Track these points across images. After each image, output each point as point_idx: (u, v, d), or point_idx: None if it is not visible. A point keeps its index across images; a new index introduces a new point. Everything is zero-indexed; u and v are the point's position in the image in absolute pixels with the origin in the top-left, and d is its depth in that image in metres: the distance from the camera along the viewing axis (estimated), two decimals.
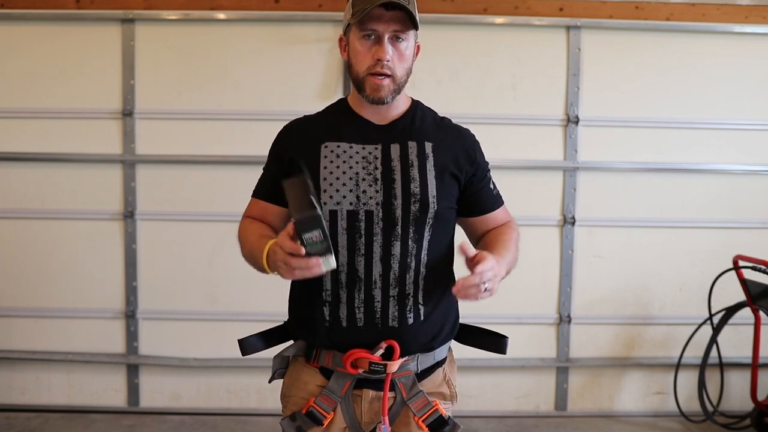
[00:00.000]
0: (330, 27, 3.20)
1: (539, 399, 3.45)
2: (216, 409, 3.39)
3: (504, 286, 1.49)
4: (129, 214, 3.28)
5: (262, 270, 1.43)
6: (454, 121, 1.64)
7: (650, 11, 3.27)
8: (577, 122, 3.29)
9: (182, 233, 3.30)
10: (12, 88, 3.27)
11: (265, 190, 1.58)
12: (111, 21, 3.22)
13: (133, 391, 3.38)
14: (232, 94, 3.25)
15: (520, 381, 3.43)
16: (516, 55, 3.28)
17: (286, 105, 3.16)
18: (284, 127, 1.60)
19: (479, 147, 1.62)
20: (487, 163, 1.64)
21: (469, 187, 1.57)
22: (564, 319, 3.38)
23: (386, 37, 1.45)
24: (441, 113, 1.64)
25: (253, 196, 1.62)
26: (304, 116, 1.61)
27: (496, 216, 1.62)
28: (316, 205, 1.26)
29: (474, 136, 1.62)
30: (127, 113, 3.25)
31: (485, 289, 1.33)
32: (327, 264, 1.29)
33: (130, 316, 3.33)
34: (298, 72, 3.22)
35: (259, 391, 3.37)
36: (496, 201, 1.63)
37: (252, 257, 1.47)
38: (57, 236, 3.31)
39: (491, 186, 1.62)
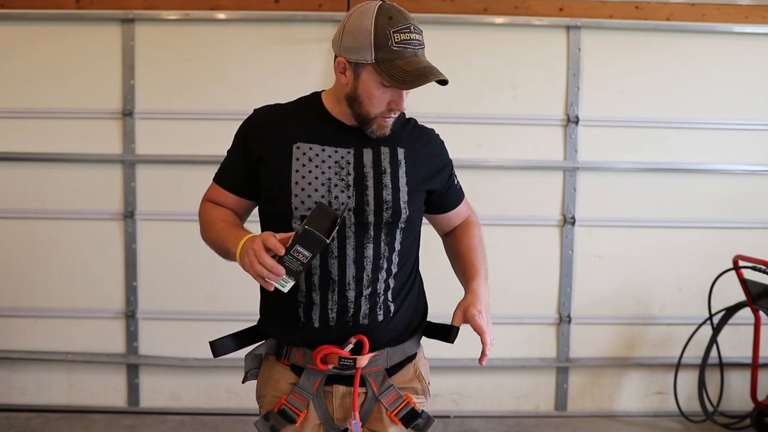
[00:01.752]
0: (330, 27, 3.20)
1: (539, 399, 3.45)
2: (216, 409, 3.39)
3: (504, 286, 1.51)
4: (129, 214, 3.28)
5: (226, 256, 1.46)
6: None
7: (650, 11, 3.27)
8: (577, 122, 3.29)
9: (182, 233, 3.30)
10: (12, 88, 3.27)
11: (230, 181, 1.57)
12: (111, 21, 3.22)
13: (133, 391, 3.38)
14: (232, 94, 3.25)
15: (520, 381, 3.43)
16: (516, 55, 3.28)
17: None
18: (254, 114, 1.57)
19: (445, 148, 1.64)
20: (451, 160, 1.65)
21: (441, 188, 1.60)
22: (564, 319, 3.38)
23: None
24: (441, 113, 1.65)
25: (215, 181, 1.60)
26: (276, 105, 1.58)
27: (459, 210, 1.68)
28: (331, 240, 1.29)
29: (439, 136, 1.64)
30: (127, 113, 3.25)
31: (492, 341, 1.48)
32: (283, 282, 1.31)
33: (130, 316, 3.33)
34: (298, 72, 3.22)
35: None
36: (460, 196, 1.68)
37: (219, 242, 1.48)
38: (57, 236, 3.31)
39: (456, 182, 1.66)
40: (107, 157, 3.28)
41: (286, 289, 1.32)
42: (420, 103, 1.63)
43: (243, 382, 1.63)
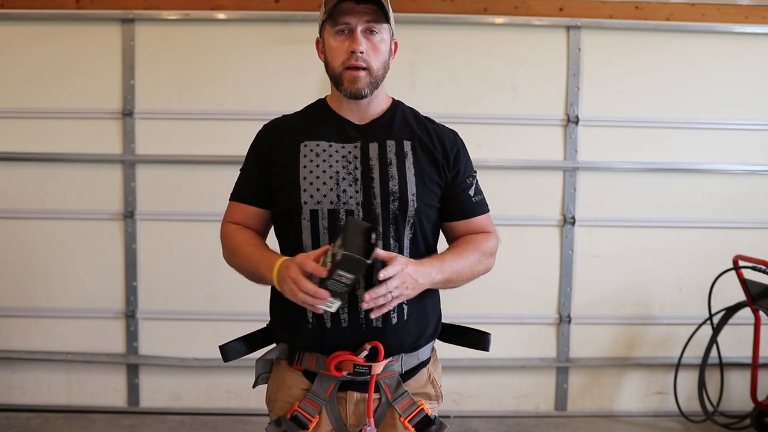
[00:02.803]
0: None
1: (539, 399, 3.45)
2: (216, 409, 3.39)
3: (504, 286, 1.49)
4: (129, 214, 3.28)
5: (260, 281, 1.45)
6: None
7: (650, 11, 3.27)
8: (577, 122, 3.29)
9: (182, 233, 3.30)
10: (12, 88, 3.27)
11: (247, 194, 1.56)
12: (111, 21, 3.22)
13: (133, 391, 3.38)
14: (232, 94, 3.25)
15: (520, 381, 3.43)
16: (516, 55, 3.28)
17: (286, 105, 3.10)
18: (263, 127, 1.59)
19: (463, 149, 1.58)
20: (472, 168, 1.59)
21: (448, 189, 1.54)
22: (564, 319, 3.38)
23: (359, 29, 1.44)
24: (441, 113, 1.63)
25: (232, 199, 1.59)
26: (283, 116, 1.60)
27: (473, 223, 1.58)
28: (370, 259, 1.25)
29: (458, 138, 1.59)
30: (127, 113, 3.25)
31: (392, 297, 1.33)
32: (329, 304, 1.30)
33: (130, 316, 3.33)
34: (298, 72, 3.22)
35: (259, 391, 3.33)
36: (476, 208, 1.58)
37: (250, 268, 1.48)
38: (57, 236, 3.31)
39: (471, 192, 1.57)
40: (107, 157, 3.28)
41: (333, 309, 1.32)
42: (420, 103, 1.62)
43: (254, 386, 1.61)
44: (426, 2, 3.19)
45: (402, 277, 1.34)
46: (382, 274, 1.30)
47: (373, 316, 1.36)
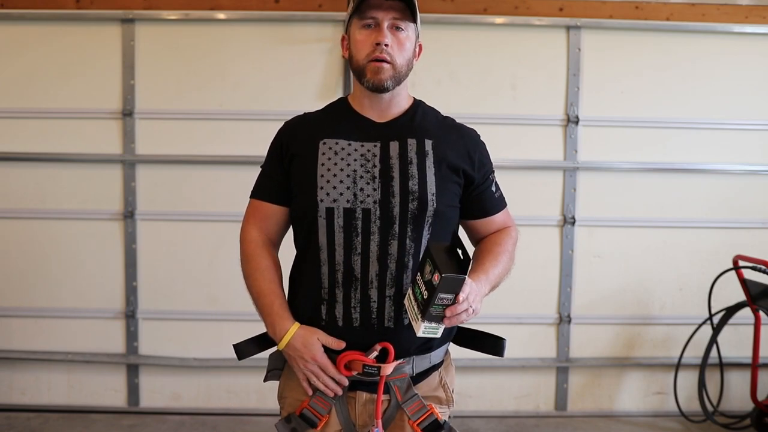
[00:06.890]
0: (330, 27, 3.20)
1: (539, 399, 3.45)
2: (216, 409, 3.39)
3: (504, 286, 1.50)
4: (129, 214, 3.28)
5: (259, 314, 1.51)
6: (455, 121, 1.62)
7: (650, 11, 3.28)
8: (577, 122, 3.29)
9: (182, 233, 3.30)
10: (12, 88, 3.27)
11: (267, 191, 1.56)
12: (111, 21, 3.22)
13: (133, 391, 3.38)
14: (232, 94, 3.26)
15: (520, 381, 3.43)
16: (516, 55, 3.29)
17: (286, 105, 3.16)
18: (284, 124, 1.59)
19: (483, 148, 1.60)
20: (491, 165, 1.62)
21: (470, 189, 1.55)
22: (564, 319, 3.38)
23: (386, 24, 1.46)
24: (441, 113, 1.63)
25: (252, 197, 1.58)
26: (304, 114, 1.60)
27: (495, 220, 1.61)
28: (466, 273, 1.27)
29: (478, 136, 1.61)
30: (127, 113, 3.25)
31: (472, 311, 1.33)
32: (435, 330, 1.31)
33: (130, 316, 3.33)
34: (298, 72, 3.22)
35: (259, 391, 3.37)
36: (497, 204, 1.61)
37: (258, 302, 1.51)
38: (57, 236, 3.31)
39: (493, 188, 1.60)
40: (107, 157, 3.28)
41: (439, 335, 1.32)
42: None
43: (264, 380, 1.60)
44: (426, 2, 3.19)
45: (475, 291, 1.34)
46: (462, 295, 1.28)
47: (451, 325, 1.33)
